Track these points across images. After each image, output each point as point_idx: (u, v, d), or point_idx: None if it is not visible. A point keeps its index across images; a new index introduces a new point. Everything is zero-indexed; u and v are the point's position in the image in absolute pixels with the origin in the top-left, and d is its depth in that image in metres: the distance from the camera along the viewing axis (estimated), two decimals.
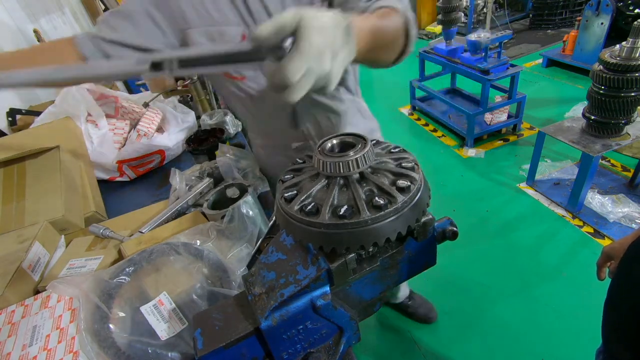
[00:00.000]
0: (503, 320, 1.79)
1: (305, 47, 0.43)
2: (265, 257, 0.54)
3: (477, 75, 2.80)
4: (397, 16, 0.72)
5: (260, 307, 0.48)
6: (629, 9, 3.61)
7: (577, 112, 2.91)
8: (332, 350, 0.54)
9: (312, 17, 0.44)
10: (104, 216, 1.14)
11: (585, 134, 2.13)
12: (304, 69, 0.43)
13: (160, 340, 0.67)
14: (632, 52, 1.80)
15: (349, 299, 0.52)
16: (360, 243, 0.43)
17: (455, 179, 2.78)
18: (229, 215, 0.88)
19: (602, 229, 2.11)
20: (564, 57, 3.84)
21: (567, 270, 1.96)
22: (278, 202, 0.49)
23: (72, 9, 2.96)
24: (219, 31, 0.86)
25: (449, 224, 0.54)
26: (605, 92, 1.92)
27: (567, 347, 1.63)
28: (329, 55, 0.46)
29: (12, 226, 0.97)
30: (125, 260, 0.77)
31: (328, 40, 0.45)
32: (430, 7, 5.65)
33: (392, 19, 0.70)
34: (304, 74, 0.44)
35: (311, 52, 0.43)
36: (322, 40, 0.44)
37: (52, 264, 0.89)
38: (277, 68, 0.44)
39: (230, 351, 0.48)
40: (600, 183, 2.41)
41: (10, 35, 1.80)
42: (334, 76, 0.48)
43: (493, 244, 2.20)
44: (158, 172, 1.38)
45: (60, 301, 0.71)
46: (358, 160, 0.45)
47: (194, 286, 0.73)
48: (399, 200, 0.43)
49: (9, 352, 0.64)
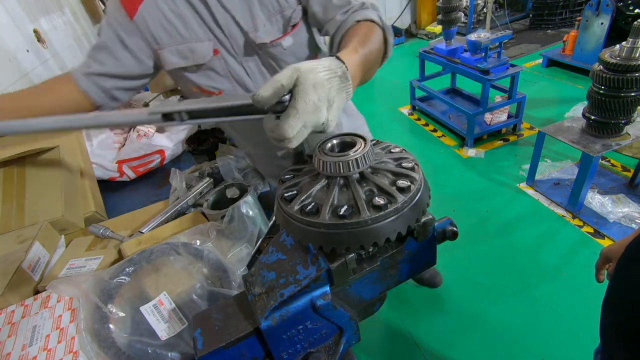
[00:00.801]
0: (503, 320, 1.79)
1: (301, 105, 0.46)
2: (265, 257, 0.54)
3: (477, 75, 2.80)
4: (376, 29, 0.75)
5: (260, 307, 0.48)
6: (629, 9, 3.61)
7: (577, 112, 2.91)
8: (332, 350, 0.54)
9: (308, 72, 0.47)
10: (104, 216, 1.14)
11: (585, 134, 2.13)
12: (301, 125, 0.47)
13: (160, 340, 0.67)
14: (632, 52, 1.80)
15: (349, 299, 0.52)
16: (360, 243, 0.43)
17: (455, 179, 2.78)
18: (229, 215, 0.88)
19: (602, 229, 2.11)
20: (564, 57, 3.84)
21: (567, 270, 1.96)
22: (278, 202, 0.49)
23: (72, 9, 2.96)
24: (189, 48, 0.86)
25: (449, 224, 0.54)
26: (605, 92, 1.92)
27: (567, 347, 1.63)
28: (325, 107, 0.49)
29: (12, 226, 0.97)
30: (125, 260, 0.77)
31: (323, 94, 0.48)
32: (430, 7, 5.65)
33: (374, 37, 0.73)
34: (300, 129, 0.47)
35: (307, 109, 0.46)
36: (317, 97, 0.47)
37: (52, 264, 0.89)
38: (276, 125, 0.46)
39: (230, 351, 0.48)
40: (600, 183, 2.41)
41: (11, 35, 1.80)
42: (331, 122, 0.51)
43: (493, 244, 2.20)
44: (158, 172, 1.38)
45: (60, 301, 0.71)
46: (358, 160, 0.45)
47: (194, 286, 0.73)
48: (399, 200, 0.43)
49: (9, 352, 0.64)
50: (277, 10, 0.86)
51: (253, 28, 0.85)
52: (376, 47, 0.72)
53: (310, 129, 0.49)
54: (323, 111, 0.48)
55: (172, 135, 1.43)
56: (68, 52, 2.43)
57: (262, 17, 0.85)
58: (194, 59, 0.87)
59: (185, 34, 0.85)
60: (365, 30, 0.73)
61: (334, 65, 0.51)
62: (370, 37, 0.71)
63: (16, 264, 0.80)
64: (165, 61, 0.88)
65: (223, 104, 0.51)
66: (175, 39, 0.85)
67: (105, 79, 0.88)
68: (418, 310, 1.91)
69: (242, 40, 0.87)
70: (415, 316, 1.88)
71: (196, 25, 0.85)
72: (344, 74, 0.52)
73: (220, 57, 0.88)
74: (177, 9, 0.83)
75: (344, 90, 0.53)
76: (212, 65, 0.89)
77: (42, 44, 2.09)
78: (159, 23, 0.84)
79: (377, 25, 0.76)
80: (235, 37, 0.87)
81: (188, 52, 0.86)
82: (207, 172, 1.13)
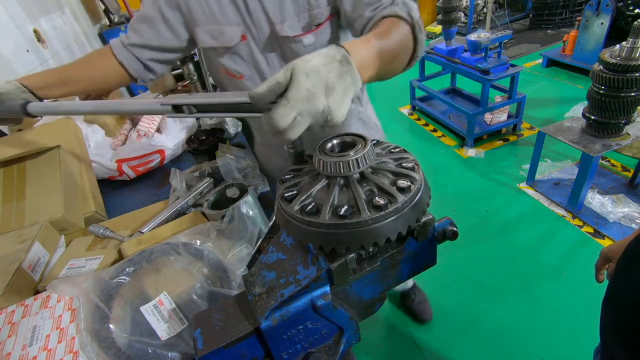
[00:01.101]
0: (503, 320, 1.79)
1: (292, 94, 0.45)
2: (265, 257, 0.54)
3: (477, 75, 2.80)
4: (402, 25, 0.71)
5: (261, 307, 0.48)
6: (629, 9, 3.61)
7: (577, 112, 2.91)
8: (332, 350, 0.54)
9: (302, 63, 0.46)
10: (104, 216, 1.14)
11: (585, 134, 2.13)
12: (293, 114, 0.45)
13: (160, 340, 0.67)
14: (632, 52, 1.80)
15: (349, 299, 0.52)
16: (361, 243, 0.43)
17: (455, 179, 2.78)
18: (229, 215, 0.87)
19: (602, 229, 2.11)
20: (564, 57, 3.84)
21: (567, 270, 1.96)
22: (278, 202, 0.49)
23: (72, 9, 2.96)
24: (220, 30, 0.90)
25: (449, 224, 0.54)
26: (605, 92, 1.92)
27: (567, 347, 1.63)
28: (322, 93, 0.47)
29: (12, 226, 0.97)
30: (125, 260, 0.77)
31: (318, 80, 0.46)
32: (430, 7, 5.65)
33: (397, 31, 0.69)
34: (294, 118, 0.45)
35: (299, 97, 0.45)
36: (311, 83, 0.45)
37: (52, 264, 0.89)
38: (267, 116, 0.46)
39: (230, 351, 0.48)
40: (600, 183, 2.41)
41: (10, 35, 1.80)
42: (334, 109, 0.48)
43: (493, 244, 2.20)
44: (158, 172, 1.38)
45: (60, 301, 0.71)
46: (358, 160, 0.45)
47: (194, 286, 0.73)
48: (400, 200, 0.43)
49: (9, 352, 0.64)
50: (306, 8, 0.88)
51: (280, 20, 0.88)
52: (397, 42, 0.69)
53: (309, 118, 0.47)
54: (320, 98, 0.46)
55: (172, 135, 1.43)
56: (68, 52, 2.43)
57: (292, 11, 0.88)
58: (222, 41, 0.91)
59: (219, 16, 0.89)
60: (387, 26, 0.71)
61: (332, 52, 0.50)
62: (390, 32, 0.68)
63: (16, 264, 0.80)
64: (199, 39, 0.94)
65: (227, 100, 0.53)
66: (209, 20, 0.90)
67: (142, 50, 0.94)
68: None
69: (268, 31, 0.91)
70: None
71: (229, 10, 0.89)
72: (343, 57, 0.50)
73: (247, 43, 0.92)
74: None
75: (347, 75, 0.50)
76: (238, 50, 0.93)
77: (42, 44, 2.09)
78: (198, 2, 0.89)
79: (404, 21, 0.72)
80: (262, 27, 0.90)
81: (218, 34, 0.91)
82: (207, 172, 1.13)
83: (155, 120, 1.50)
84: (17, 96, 0.81)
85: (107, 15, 3.81)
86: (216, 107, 0.55)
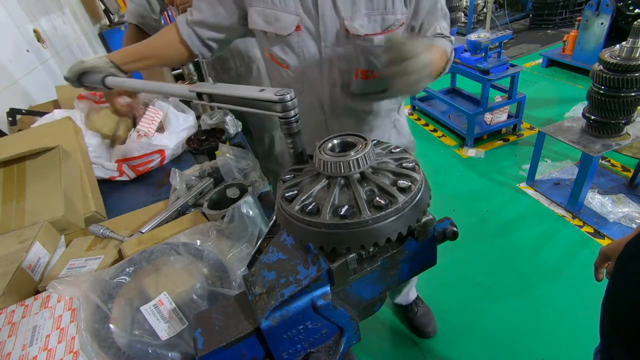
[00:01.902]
0: (503, 320, 1.79)
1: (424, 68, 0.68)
2: (265, 257, 0.54)
3: (477, 75, 2.80)
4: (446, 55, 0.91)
5: (261, 307, 0.48)
6: (629, 9, 3.61)
7: (577, 112, 2.91)
8: (332, 350, 0.54)
9: (426, 55, 0.67)
10: (104, 216, 1.14)
11: (585, 134, 2.13)
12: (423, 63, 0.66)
13: (160, 340, 0.67)
14: (632, 52, 1.80)
15: (349, 299, 0.52)
16: (361, 243, 0.43)
17: (455, 179, 2.78)
18: (229, 215, 0.87)
19: (602, 229, 2.11)
20: (564, 57, 3.84)
21: (567, 270, 1.96)
22: (279, 202, 0.49)
23: (72, 9, 2.96)
24: (275, 15, 0.90)
25: (449, 224, 0.54)
26: (605, 92, 1.92)
27: (567, 347, 1.63)
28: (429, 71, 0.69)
29: (12, 226, 0.97)
30: (125, 260, 0.77)
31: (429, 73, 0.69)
32: None
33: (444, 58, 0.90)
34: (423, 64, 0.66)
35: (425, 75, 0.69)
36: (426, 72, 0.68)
37: (52, 264, 0.89)
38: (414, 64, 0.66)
39: (230, 351, 0.48)
40: (600, 183, 2.41)
41: (11, 35, 1.80)
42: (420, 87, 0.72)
43: (493, 244, 2.20)
44: (158, 172, 1.38)
45: (60, 301, 0.71)
46: (359, 160, 0.45)
47: (194, 286, 0.73)
48: (400, 200, 0.43)
49: (9, 352, 0.64)
50: (380, 11, 0.88)
51: (350, 17, 0.87)
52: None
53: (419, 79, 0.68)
54: (428, 72, 0.70)
55: (172, 135, 1.43)
56: (68, 52, 2.43)
57: (363, 10, 0.87)
58: (276, 27, 0.91)
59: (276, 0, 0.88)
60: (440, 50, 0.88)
61: (444, 55, 0.87)
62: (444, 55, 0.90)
63: (16, 264, 0.80)
64: (251, 19, 0.93)
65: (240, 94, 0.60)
66: (265, 1, 0.89)
67: (201, 29, 0.97)
68: None
69: (335, 25, 0.89)
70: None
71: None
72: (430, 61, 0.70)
73: (300, 34, 0.91)
74: None
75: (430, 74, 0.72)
76: (289, 40, 0.92)
77: (42, 44, 2.09)
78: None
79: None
80: (326, 20, 0.88)
81: (272, 19, 0.90)
82: (207, 172, 1.13)
83: (156, 120, 1.50)
84: (106, 70, 0.94)
85: (107, 15, 3.81)
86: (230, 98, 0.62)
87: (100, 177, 1.29)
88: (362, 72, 0.96)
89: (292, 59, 0.95)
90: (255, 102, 0.58)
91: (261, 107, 0.57)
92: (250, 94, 0.58)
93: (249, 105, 0.59)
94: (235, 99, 0.61)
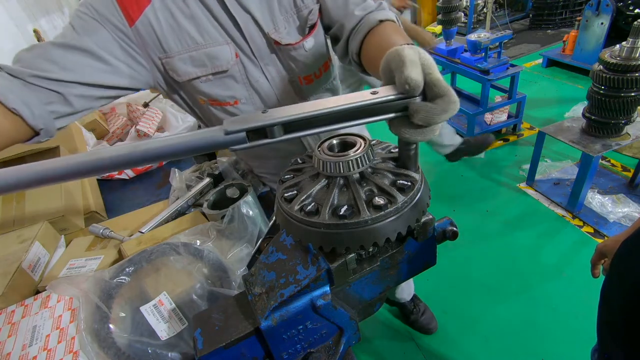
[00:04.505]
0: (503, 320, 1.79)
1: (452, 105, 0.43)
2: (265, 257, 0.54)
3: (477, 75, 2.80)
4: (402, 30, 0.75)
5: (260, 307, 0.48)
6: (629, 9, 3.61)
7: (577, 112, 2.90)
8: (332, 350, 0.54)
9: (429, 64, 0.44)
10: (104, 216, 1.14)
11: (585, 134, 2.13)
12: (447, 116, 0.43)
13: (160, 340, 0.67)
14: (632, 52, 1.80)
15: (349, 299, 0.52)
16: (360, 243, 0.43)
17: (455, 179, 2.78)
18: (229, 215, 0.88)
19: (602, 229, 2.11)
20: (564, 57, 3.84)
21: (567, 270, 1.96)
22: (278, 202, 0.49)
23: (72, 9, 2.96)
24: (207, 54, 0.79)
25: (449, 224, 0.54)
26: (605, 92, 1.92)
27: (566, 347, 1.63)
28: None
29: (12, 226, 0.97)
30: (125, 260, 0.77)
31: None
32: (430, 7, 5.65)
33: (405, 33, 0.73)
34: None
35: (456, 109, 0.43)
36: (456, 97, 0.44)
37: (52, 264, 0.89)
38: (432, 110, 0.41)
39: (230, 351, 0.48)
40: (600, 183, 2.41)
41: (11, 35, 1.80)
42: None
43: (493, 244, 2.20)
44: (158, 172, 1.38)
45: (60, 301, 0.71)
46: (358, 160, 0.45)
47: (194, 286, 0.73)
48: (399, 200, 0.43)
49: (9, 352, 0.64)
50: (294, 11, 0.83)
51: (274, 29, 0.82)
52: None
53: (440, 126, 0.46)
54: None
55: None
56: None
57: (280, 17, 0.82)
58: (213, 66, 0.80)
59: (199, 38, 0.77)
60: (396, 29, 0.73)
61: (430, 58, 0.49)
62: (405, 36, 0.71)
63: (16, 264, 0.80)
64: (178, 71, 0.79)
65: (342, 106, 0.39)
66: (186, 46, 0.77)
67: (69, 86, 0.69)
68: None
69: (263, 42, 0.83)
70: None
71: (211, 28, 0.77)
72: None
73: (239, 61, 0.82)
74: (188, 11, 0.75)
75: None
76: (231, 72, 0.82)
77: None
78: (169, 27, 0.75)
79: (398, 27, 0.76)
80: (255, 39, 0.82)
81: (205, 59, 0.79)
82: (207, 172, 1.13)
83: (156, 120, 1.50)
84: None
85: None
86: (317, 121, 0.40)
87: (99, 175, 1.30)
88: (305, 78, 0.92)
89: (239, 91, 0.86)
90: (374, 108, 0.41)
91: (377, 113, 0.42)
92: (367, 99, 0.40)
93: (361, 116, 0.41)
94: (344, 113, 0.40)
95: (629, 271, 0.69)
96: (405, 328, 1.83)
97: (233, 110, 0.89)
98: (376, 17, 0.76)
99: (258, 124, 0.39)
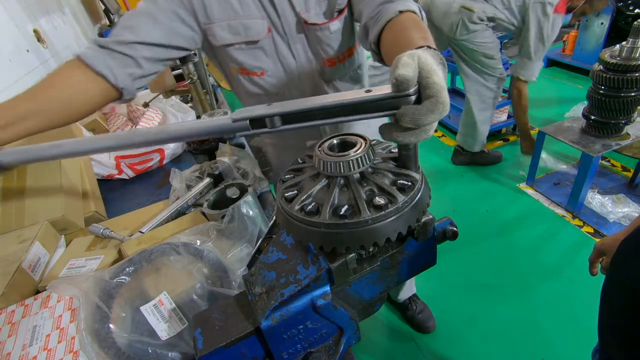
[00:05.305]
0: (503, 320, 1.79)
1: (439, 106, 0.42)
2: (265, 256, 0.54)
3: None
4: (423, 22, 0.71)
5: (261, 306, 0.48)
6: (629, 9, 3.61)
7: (577, 112, 2.90)
8: (332, 350, 0.54)
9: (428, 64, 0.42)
10: (104, 216, 1.14)
11: (585, 134, 2.13)
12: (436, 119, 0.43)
13: (160, 340, 0.67)
14: (632, 52, 1.80)
15: (349, 298, 0.52)
16: (361, 243, 0.43)
17: (455, 179, 2.78)
18: (229, 215, 0.87)
19: (602, 229, 2.11)
20: (564, 57, 3.84)
21: (567, 270, 1.96)
22: (278, 202, 0.49)
23: (72, 9, 2.96)
24: (243, 24, 0.89)
25: (449, 224, 0.54)
26: (605, 92, 1.92)
27: (567, 347, 1.63)
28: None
29: (12, 226, 0.97)
30: (125, 260, 0.77)
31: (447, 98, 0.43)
32: None
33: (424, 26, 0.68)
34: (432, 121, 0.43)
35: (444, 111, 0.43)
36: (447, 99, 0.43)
37: (52, 264, 0.89)
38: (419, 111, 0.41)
39: (230, 351, 0.48)
40: (600, 183, 2.41)
41: (11, 35, 1.80)
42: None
43: (493, 244, 2.20)
44: (158, 171, 1.38)
45: (60, 301, 0.71)
46: (359, 160, 0.45)
47: (194, 286, 0.73)
48: (400, 200, 0.43)
49: (9, 352, 0.64)
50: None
51: (305, 9, 0.89)
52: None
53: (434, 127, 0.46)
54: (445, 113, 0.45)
55: None
56: (68, 52, 2.43)
57: (313, 0, 0.89)
58: (247, 35, 0.89)
59: (239, 9, 0.87)
60: (415, 22, 0.69)
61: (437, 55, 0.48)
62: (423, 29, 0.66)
63: (16, 264, 0.80)
64: (216, 36, 0.90)
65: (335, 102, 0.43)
66: (227, 14, 0.88)
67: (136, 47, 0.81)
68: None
69: (294, 20, 0.91)
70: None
71: (250, 2, 0.87)
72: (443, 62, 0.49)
73: (270, 36, 0.91)
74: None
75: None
76: (261, 44, 0.91)
77: (42, 44, 2.09)
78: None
79: (420, 18, 0.71)
80: (287, 17, 0.90)
81: (241, 29, 0.89)
82: (207, 172, 1.13)
83: (156, 120, 1.50)
84: None
85: (107, 15, 3.81)
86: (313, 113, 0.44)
87: (99, 174, 1.29)
88: (328, 60, 0.98)
89: (267, 63, 0.95)
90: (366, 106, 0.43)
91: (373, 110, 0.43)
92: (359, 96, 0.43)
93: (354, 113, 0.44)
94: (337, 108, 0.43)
95: (630, 271, 0.69)
96: (406, 328, 1.83)
97: (259, 80, 0.98)
98: (396, 8, 0.72)
99: (260, 113, 0.45)
